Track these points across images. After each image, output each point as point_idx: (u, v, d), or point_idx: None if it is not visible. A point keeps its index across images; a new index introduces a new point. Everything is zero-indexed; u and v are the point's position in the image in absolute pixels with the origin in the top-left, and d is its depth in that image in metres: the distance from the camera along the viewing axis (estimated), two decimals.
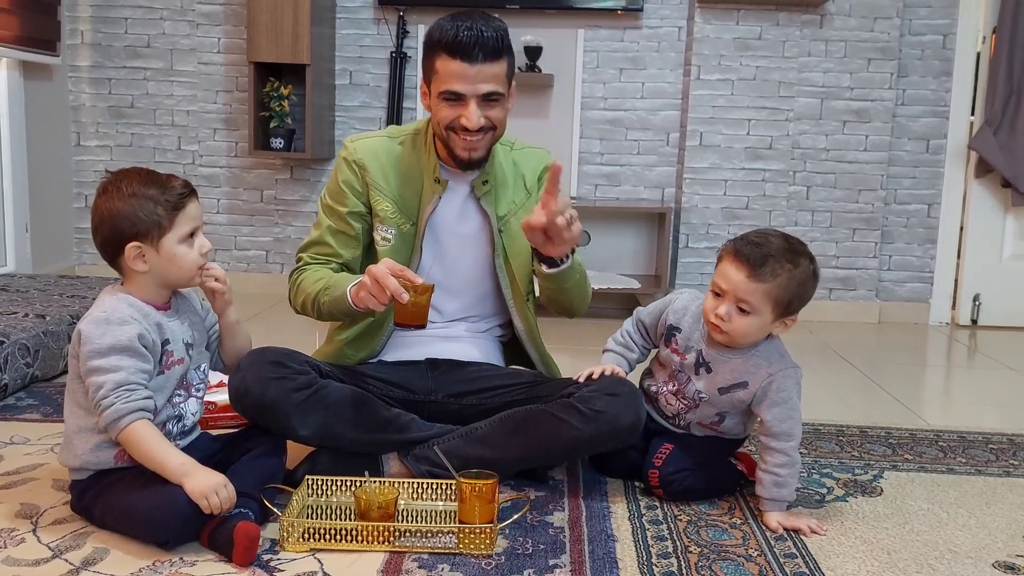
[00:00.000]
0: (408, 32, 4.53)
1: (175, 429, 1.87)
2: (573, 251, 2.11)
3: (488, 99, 2.08)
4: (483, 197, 2.22)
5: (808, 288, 1.99)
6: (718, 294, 2.01)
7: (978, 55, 4.54)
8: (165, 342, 1.82)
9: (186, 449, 1.83)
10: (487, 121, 2.09)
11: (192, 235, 1.84)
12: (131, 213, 1.77)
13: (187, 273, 1.85)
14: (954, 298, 4.70)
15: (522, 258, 2.24)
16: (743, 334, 2.00)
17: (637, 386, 2.14)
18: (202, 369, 1.95)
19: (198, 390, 1.93)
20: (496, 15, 4.01)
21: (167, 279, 1.84)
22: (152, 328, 1.79)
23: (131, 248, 1.78)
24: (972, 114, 4.56)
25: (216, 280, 1.90)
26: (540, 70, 4.45)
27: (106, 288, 1.87)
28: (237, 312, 2.00)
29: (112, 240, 1.79)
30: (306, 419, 2.00)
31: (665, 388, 2.17)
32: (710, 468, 2.12)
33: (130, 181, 1.79)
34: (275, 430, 2.02)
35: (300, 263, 2.27)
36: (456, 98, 2.06)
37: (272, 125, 4.44)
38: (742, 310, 1.97)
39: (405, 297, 1.90)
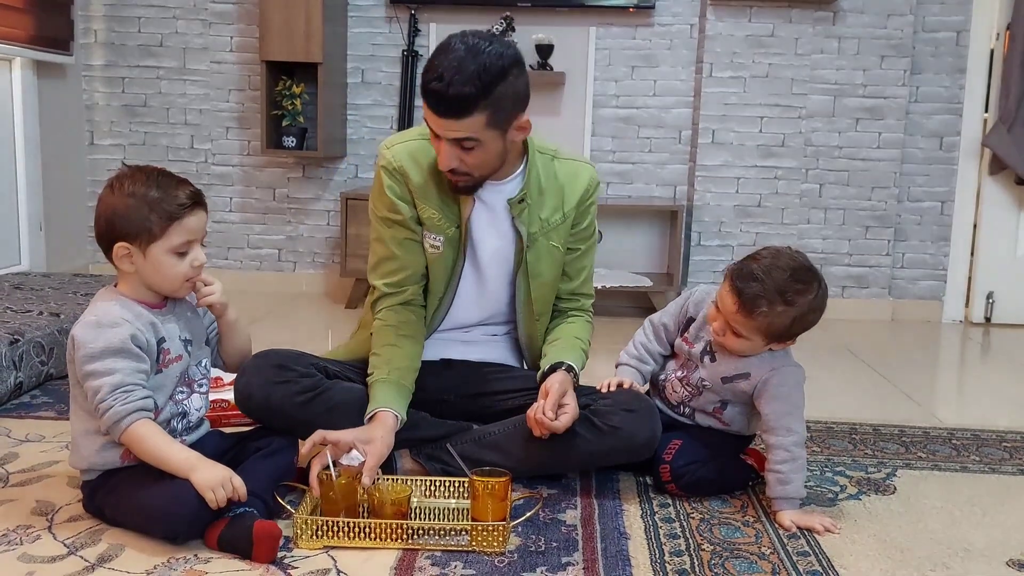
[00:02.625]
0: (420, 30, 4.53)
1: (180, 426, 1.88)
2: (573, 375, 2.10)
3: (461, 144, 1.94)
4: (518, 215, 2.11)
5: (806, 321, 2.00)
6: (718, 308, 2.04)
7: (992, 52, 4.51)
8: (161, 341, 1.82)
9: (194, 446, 1.84)
10: (460, 165, 1.97)
11: (186, 247, 1.80)
12: (124, 213, 1.75)
13: (171, 283, 1.82)
14: (967, 296, 4.67)
15: (541, 279, 2.18)
16: (735, 350, 2.06)
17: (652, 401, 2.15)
18: (203, 365, 1.95)
19: (201, 386, 1.94)
20: (508, 12, 3.96)
21: (151, 284, 1.83)
22: (146, 328, 1.79)
23: (119, 247, 1.77)
24: (986, 111, 4.54)
25: (208, 290, 1.87)
26: (552, 68, 4.45)
27: (101, 291, 1.86)
28: (236, 311, 1.98)
29: (104, 236, 1.79)
30: (311, 422, 1.99)
31: (673, 375, 2.19)
32: (720, 461, 2.13)
33: (135, 180, 1.77)
34: (281, 431, 2.02)
35: (376, 295, 2.17)
36: (436, 137, 1.97)
37: (284, 124, 4.45)
38: (734, 332, 2.02)
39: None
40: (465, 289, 2.20)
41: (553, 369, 2.07)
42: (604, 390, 2.13)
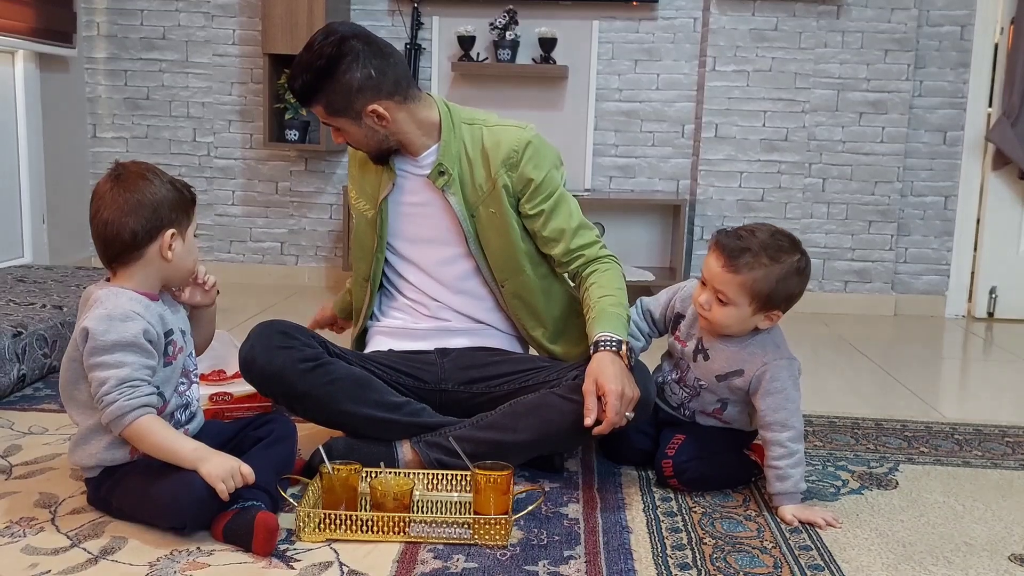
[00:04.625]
0: (423, 24, 4.52)
1: (183, 417, 1.88)
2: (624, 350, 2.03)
3: (330, 126, 2.18)
4: (444, 188, 2.20)
5: (790, 284, 2.00)
6: (703, 283, 2.05)
7: (996, 46, 4.50)
8: (168, 332, 1.82)
9: (196, 437, 1.84)
10: (343, 140, 2.19)
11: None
12: (173, 200, 1.80)
13: (191, 268, 1.88)
14: (970, 291, 4.67)
15: (491, 247, 2.23)
16: (723, 324, 2.03)
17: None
18: (192, 356, 1.95)
19: (195, 376, 1.95)
20: (511, 5, 3.94)
21: (177, 272, 1.85)
22: (156, 321, 1.79)
23: (170, 234, 1.79)
24: (990, 106, 4.53)
25: (205, 270, 1.94)
26: (555, 61, 4.45)
27: (95, 287, 1.83)
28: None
29: (150, 226, 1.78)
30: (311, 390, 2.03)
31: (670, 377, 2.20)
32: (723, 456, 2.13)
33: (155, 172, 1.81)
34: (281, 401, 2.11)
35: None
36: None
37: (287, 117, 4.45)
38: (720, 300, 2.01)
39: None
40: (406, 271, 2.30)
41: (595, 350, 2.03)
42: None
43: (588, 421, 1.93)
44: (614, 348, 2.00)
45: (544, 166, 2.20)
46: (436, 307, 2.28)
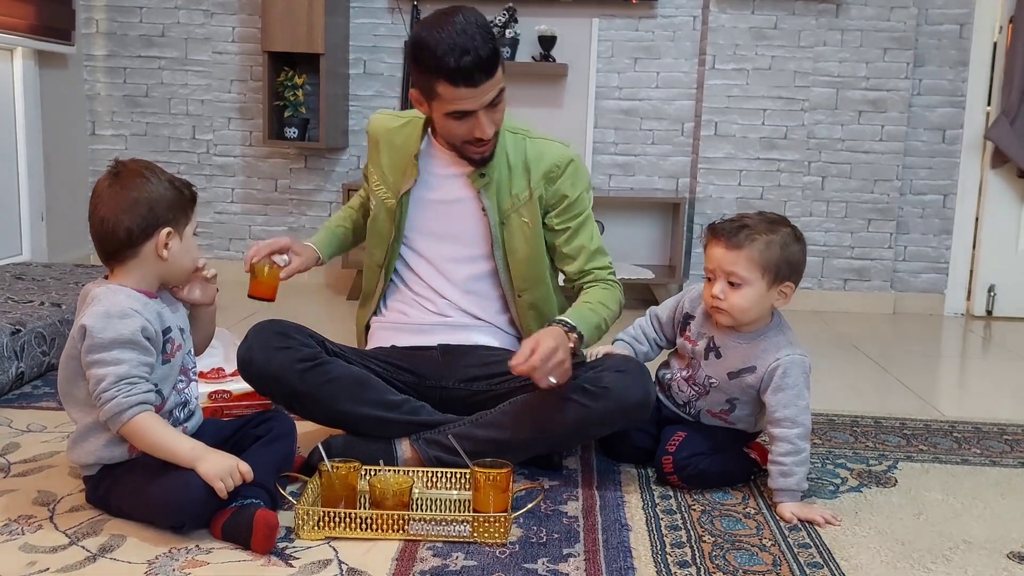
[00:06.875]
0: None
1: (182, 415, 1.88)
2: (579, 344, 2.06)
3: (493, 104, 2.08)
4: (482, 189, 2.22)
5: (793, 251, 2.02)
6: (709, 278, 2.06)
7: (995, 44, 4.51)
8: (166, 330, 1.82)
9: (195, 435, 1.84)
10: (497, 125, 2.14)
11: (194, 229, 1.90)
12: (170, 199, 1.80)
13: (191, 266, 1.87)
14: (969, 289, 4.67)
15: (516, 256, 2.24)
16: (742, 308, 2.02)
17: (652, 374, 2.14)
18: (191, 353, 1.95)
19: (194, 374, 1.95)
20: (511, 3, 3.93)
21: (174, 271, 1.85)
22: (154, 318, 1.79)
23: (165, 233, 1.79)
24: (988, 104, 4.53)
25: (211, 270, 1.94)
26: (554, 59, 4.44)
27: (93, 285, 1.83)
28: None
29: (145, 224, 1.77)
30: (309, 390, 2.04)
31: (679, 375, 2.19)
32: (723, 454, 2.13)
33: (154, 170, 1.81)
34: (279, 400, 2.11)
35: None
36: (465, 115, 2.07)
37: (286, 115, 4.45)
38: (733, 284, 2.01)
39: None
40: (416, 265, 2.31)
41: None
42: (591, 359, 2.13)
43: (513, 361, 1.92)
44: (566, 328, 2.02)
45: (580, 186, 2.26)
46: (443, 304, 2.29)
